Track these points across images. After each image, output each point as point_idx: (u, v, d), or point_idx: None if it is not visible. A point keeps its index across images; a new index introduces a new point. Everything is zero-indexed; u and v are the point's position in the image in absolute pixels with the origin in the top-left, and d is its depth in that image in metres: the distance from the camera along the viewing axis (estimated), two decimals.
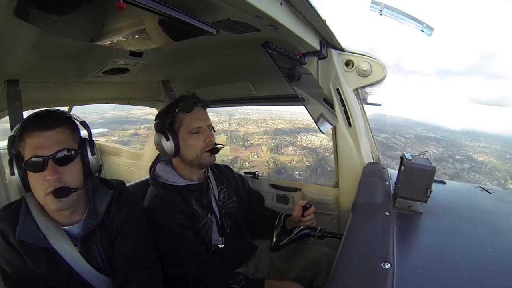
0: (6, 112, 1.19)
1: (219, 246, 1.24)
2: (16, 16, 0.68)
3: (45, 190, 0.81)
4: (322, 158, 20.79)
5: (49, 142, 0.82)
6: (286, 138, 22.59)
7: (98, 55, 1.22)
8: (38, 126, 0.82)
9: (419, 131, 25.95)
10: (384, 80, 1.50)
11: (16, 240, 0.84)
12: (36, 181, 0.82)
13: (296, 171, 19.42)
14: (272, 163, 20.25)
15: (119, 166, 2.98)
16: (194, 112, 1.20)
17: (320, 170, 19.26)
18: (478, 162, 24.47)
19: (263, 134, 22.64)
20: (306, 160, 20.68)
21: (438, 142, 25.81)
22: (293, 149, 21.50)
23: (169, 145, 1.18)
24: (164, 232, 1.10)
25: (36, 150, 0.81)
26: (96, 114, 18.24)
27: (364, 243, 0.82)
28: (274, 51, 1.07)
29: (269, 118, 22.28)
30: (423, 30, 1.46)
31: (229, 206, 1.33)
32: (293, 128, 23.45)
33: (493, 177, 22.85)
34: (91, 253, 0.93)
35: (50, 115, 0.86)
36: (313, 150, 21.65)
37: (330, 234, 1.20)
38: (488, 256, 0.79)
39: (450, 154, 24.18)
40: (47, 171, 0.80)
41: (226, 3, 0.72)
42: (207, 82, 1.96)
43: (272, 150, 21.40)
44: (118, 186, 1.03)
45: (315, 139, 22.34)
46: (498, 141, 31.80)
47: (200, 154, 1.20)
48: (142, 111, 22.42)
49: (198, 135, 1.20)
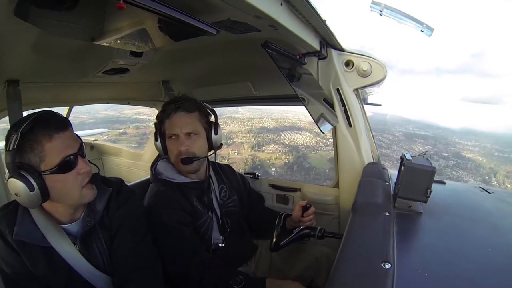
0: (6, 112, 1.19)
1: (220, 245, 1.24)
2: (16, 16, 0.68)
3: (82, 182, 0.86)
4: (301, 156, 21.07)
5: (71, 141, 0.85)
6: (269, 136, 23.00)
7: (98, 55, 1.22)
8: (55, 129, 0.81)
9: (410, 129, 26.20)
10: (384, 80, 1.50)
11: (14, 240, 0.83)
12: (69, 180, 0.84)
13: (273, 167, 19.89)
14: (250, 161, 20.54)
15: (119, 166, 2.98)
16: (172, 118, 1.18)
17: (297, 167, 19.67)
18: (465, 159, 24.97)
19: (247, 133, 22.87)
20: (285, 157, 21.08)
21: (426, 140, 26.15)
22: (274, 147, 21.96)
23: (158, 145, 1.24)
24: (164, 229, 1.10)
25: (66, 150, 0.82)
26: (87, 114, 18.24)
27: (364, 243, 0.82)
28: (274, 51, 1.07)
29: (256, 117, 22.40)
30: (423, 31, 1.46)
31: (230, 205, 1.33)
32: (279, 126, 23.83)
33: (477, 174, 23.26)
34: (90, 252, 0.93)
35: (51, 118, 0.84)
36: (294, 147, 22.09)
37: (330, 234, 1.20)
38: (488, 256, 0.79)
39: (437, 151, 24.63)
40: (79, 164, 0.85)
41: (226, 3, 0.72)
42: (207, 82, 1.96)
43: (253, 148, 21.62)
44: (117, 183, 1.03)
45: (298, 137, 22.72)
46: (489, 138, 32.16)
47: (176, 161, 1.19)
48: (134, 111, 22.54)
49: (174, 141, 1.18)
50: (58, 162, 0.80)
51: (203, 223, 1.21)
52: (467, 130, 36.92)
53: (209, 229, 1.23)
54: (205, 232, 1.22)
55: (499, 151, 27.69)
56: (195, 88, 2.02)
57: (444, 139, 27.86)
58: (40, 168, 0.80)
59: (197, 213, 1.21)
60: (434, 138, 27.14)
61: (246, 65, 1.66)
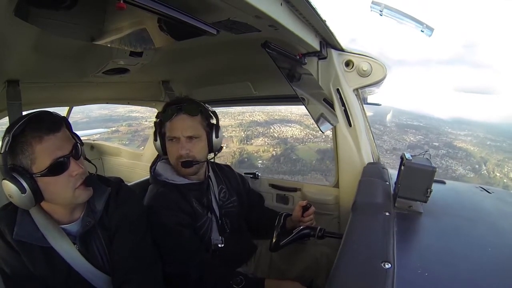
0: (6, 112, 1.19)
1: (219, 245, 1.24)
2: (16, 16, 0.68)
3: (74, 184, 0.85)
4: (289, 148, 21.31)
5: (62, 143, 0.83)
6: (259, 129, 23.26)
7: (98, 55, 1.22)
8: (46, 130, 0.80)
9: (403, 120, 26.35)
10: (384, 80, 1.50)
11: (14, 240, 0.84)
12: (61, 182, 0.83)
13: (260, 160, 20.16)
14: (238, 154, 20.81)
15: (119, 166, 2.98)
16: (173, 121, 1.17)
17: (283, 159, 20.01)
18: (456, 149, 25.21)
19: (237, 126, 23.01)
20: (273, 150, 21.41)
21: (418, 130, 26.40)
22: (263, 140, 22.24)
23: (157, 146, 1.23)
24: (163, 231, 1.10)
25: (56, 152, 0.81)
26: (81, 113, 18.19)
27: (364, 243, 0.82)
28: (274, 51, 1.07)
29: (248, 111, 22.43)
30: (423, 31, 1.46)
31: (229, 205, 1.33)
32: (269, 119, 24.01)
33: (467, 163, 23.50)
34: (90, 251, 0.93)
35: (43, 119, 0.82)
36: (283, 140, 22.40)
37: (330, 234, 1.20)
38: (488, 256, 0.79)
39: (428, 141, 24.94)
40: (72, 166, 0.83)
41: (226, 3, 0.72)
42: (207, 82, 1.96)
43: (242, 141, 21.73)
44: (116, 183, 1.03)
45: (287, 130, 22.93)
46: (483, 128, 32.44)
47: (176, 163, 1.18)
48: (127, 109, 22.63)
49: (174, 143, 1.17)
50: (49, 164, 0.79)
51: (202, 224, 1.21)
52: (460, 120, 37.20)
53: (208, 230, 1.23)
54: (205, 233, 1.22)
55: (492, 140, 27.93)
56: (195, 88, 2.02)
57: (436, 129, 28.09)
58: (32, 170, 0.79)
59: (197, 214, 1.20)
60: (426, 128, 27.37)
61: (246, 65, 1.66)
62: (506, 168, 23.71)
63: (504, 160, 24.53)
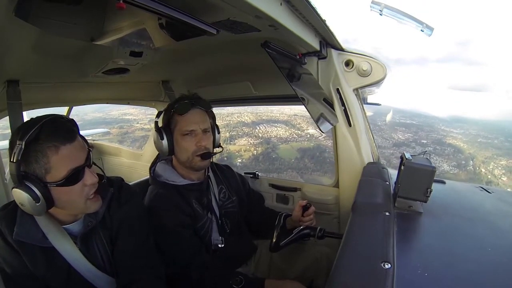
0: (6, 112, 1.19)
1: (219, 245, 1.24)
2: (16, 16, 0.68)
3: (88, 194, 0.84)
4: (270, 147, 21.62)
5: (78, 153, 0.81)
6: (244, 129, 23.47)
7: (98, 55, 1.22)
8: (62, 140, 0.78)
9: (396, 118, 26.55)
10: (384, 80, 1.50)
11: (14, 240, 0.83)
12: (75, 191, 0.81)
13: (239, 159, 20.50)
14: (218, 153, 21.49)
15: (119, 166, 2.98)
16: (188, 115, 1.17)
17: (262, 158, 20.41)
18: (445, 145, 25.36)
19: (224, 127, 23.43)
20: (254, 149, 21.64)
21: (408, 128, 26.56)
22: (246, 140, 22.37)
23: (164, 144, 1.18)
24: (163, 232, 1.10)
25: (73, 163, 0.79)
26: (76, 116, 18.22)
27: (364, 243, 0.82)
28: (274, 51, 1.07)
29: (236, 112, 22.60)
30: (423, 30, 1.45)
31: (229, 206, 1.33)
32: (256, 120, 24.26)
33: (453, 159, 23.73)
34: (91, 251, 0.93)
35: (58, 127, 0.79)
36: (266, 140, 22.69)
37: (330, 234, 1.20)
38: (488, 256, 0.79)
39: (416, 138, 25.02)
40: (86, 176, 0.83)
41: (226, 3, 0.72)
42: (207, 82, 1.96)
43: (225, 142, 22.06)
44: (118, 183, 1.03)
45: (272, 130, 23.20)
46: (477, 125, 32.61)
47: (192, 157, 1.18)
48: (121, 111, 22.67)
49: (190, 137, 1.17)
50: (65, 175, 0.78)
51: (203, 225, 1.21)
52: (455, 117, 37.39)
53: (209, 231, 1.23)
54: (205, 234, 1.22)
55: (484, 137, 28.07)
56: (195, 88, 2.02)
57: (429, 127, 28.28)
58: (46, 180, 0.77)
59: (197, 215, 1.20)
60: (417, 126, 27.57)
61: (246, 65, 1.66)
62: (492, 165, 23.87)
63: (492, 157, 24.69)
